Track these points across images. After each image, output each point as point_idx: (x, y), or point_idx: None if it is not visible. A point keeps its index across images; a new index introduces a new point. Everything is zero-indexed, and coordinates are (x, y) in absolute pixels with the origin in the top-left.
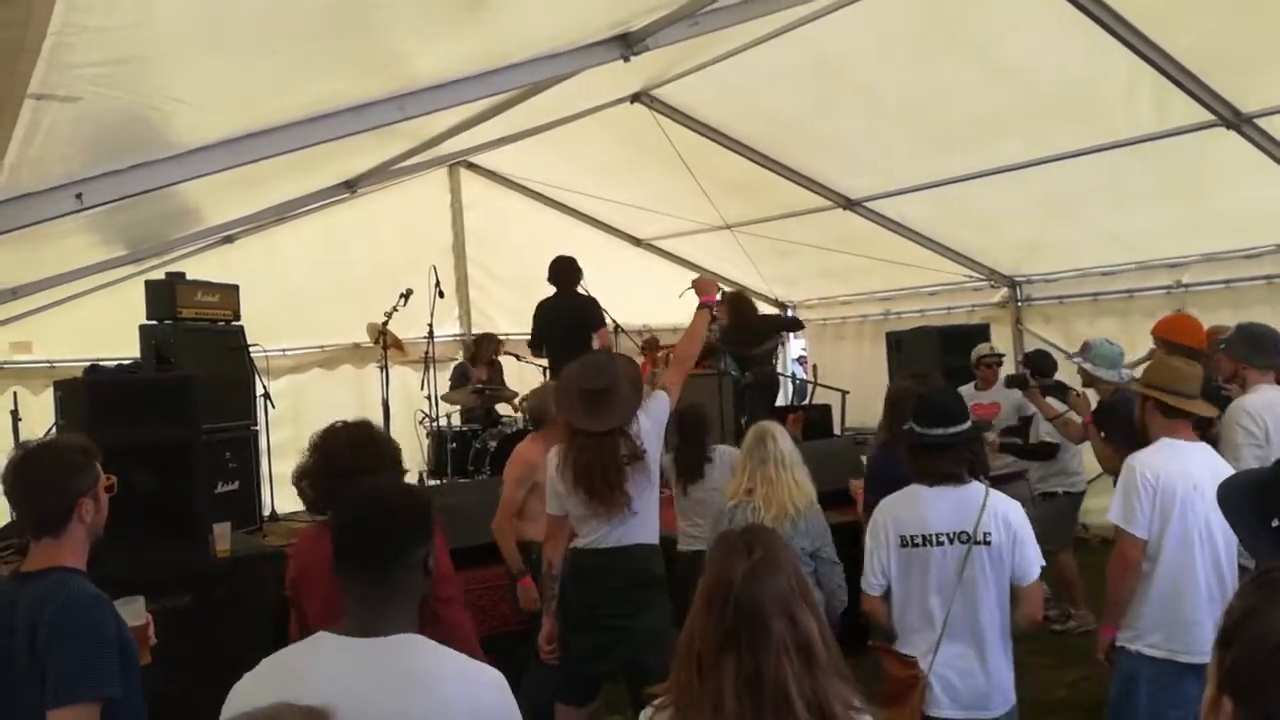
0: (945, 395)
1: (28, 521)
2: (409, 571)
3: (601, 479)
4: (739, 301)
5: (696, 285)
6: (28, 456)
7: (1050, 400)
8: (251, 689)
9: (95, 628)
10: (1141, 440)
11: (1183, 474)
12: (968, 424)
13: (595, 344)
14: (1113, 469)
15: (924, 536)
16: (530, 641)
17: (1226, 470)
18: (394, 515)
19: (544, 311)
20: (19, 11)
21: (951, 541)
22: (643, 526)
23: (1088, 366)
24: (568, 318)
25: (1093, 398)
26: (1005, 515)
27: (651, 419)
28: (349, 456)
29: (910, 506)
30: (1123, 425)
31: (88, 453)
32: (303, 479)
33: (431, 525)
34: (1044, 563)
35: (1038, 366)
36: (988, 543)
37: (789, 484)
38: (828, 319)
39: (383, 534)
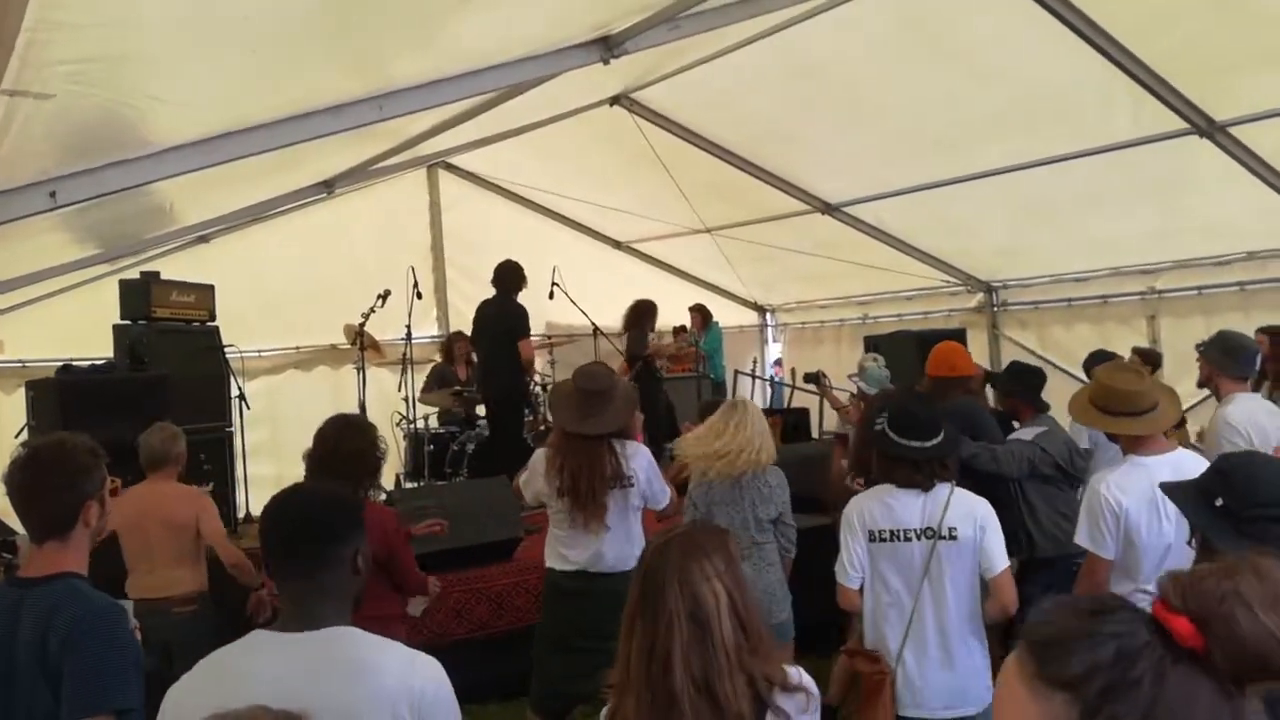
0: (922, 407)
1: (32, 523)
2: (336, 571)
3: (587, 486)
4: (629, 311)
5: None
6: (36, 455)
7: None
8: (188, 692)
9: (114, 639)
10: None
11: (1144, 495)
12: (941, 437)
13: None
14: None
15: (891, 532)
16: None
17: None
18: (315, 520)
19: (481, 311)
20: None
21: (919, 537)
22: (623, 549)
23: (861, 385)
24: (498, 322)
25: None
26: (971, 510)
27: (650, 479)
28: (332, 437)
29: (881, 502)
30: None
31: (95, 453)
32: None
33: (360, 527)
34: (1009, 561)
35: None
36: (954, 538)
37: (762, 433)
38: (806, 322)
39: (305, 537)
